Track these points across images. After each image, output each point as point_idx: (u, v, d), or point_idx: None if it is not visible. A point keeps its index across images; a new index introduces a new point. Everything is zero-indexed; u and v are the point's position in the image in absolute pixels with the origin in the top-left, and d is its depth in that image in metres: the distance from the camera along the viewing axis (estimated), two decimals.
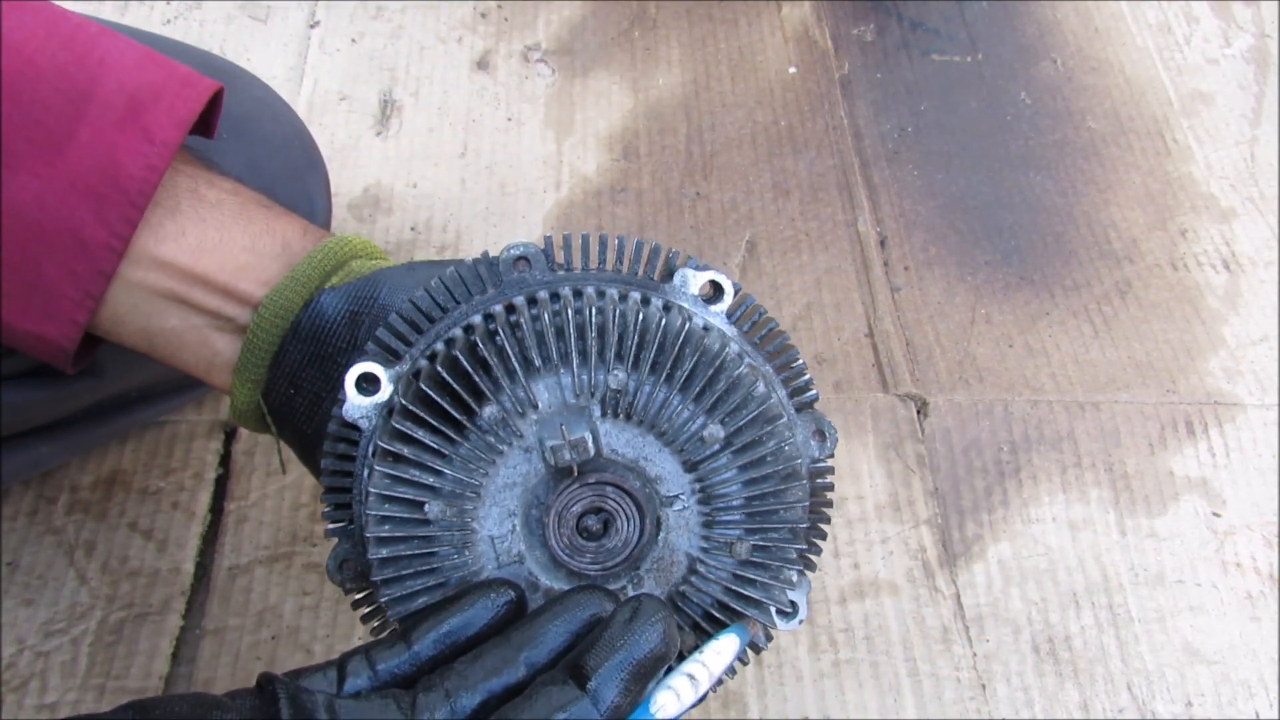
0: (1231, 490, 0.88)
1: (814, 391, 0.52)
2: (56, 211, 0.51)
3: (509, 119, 1.12)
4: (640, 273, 0.51)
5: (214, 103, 0.57)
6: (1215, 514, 0.87)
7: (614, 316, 0.47)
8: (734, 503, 0.48)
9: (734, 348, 0.49)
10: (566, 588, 0.47)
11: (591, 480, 0.47)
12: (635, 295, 0.49)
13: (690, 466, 0.47)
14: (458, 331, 0.49)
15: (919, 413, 0.92)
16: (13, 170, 0.50)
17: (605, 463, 0.47)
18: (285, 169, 0.76)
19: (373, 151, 1.07)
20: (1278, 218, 1.06)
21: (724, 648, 0.47)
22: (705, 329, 0.49)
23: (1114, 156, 1.11)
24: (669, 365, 0.46)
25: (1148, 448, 0.90)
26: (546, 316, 0.47)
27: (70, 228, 0.51)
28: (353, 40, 1.17)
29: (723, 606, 0.49)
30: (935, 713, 0.77)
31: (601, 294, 0.49)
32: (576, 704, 0.40)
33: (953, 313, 0.99)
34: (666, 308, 0.49)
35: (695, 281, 0.50)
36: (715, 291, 0.50)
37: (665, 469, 0.47)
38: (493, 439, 0.46)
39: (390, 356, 0.50)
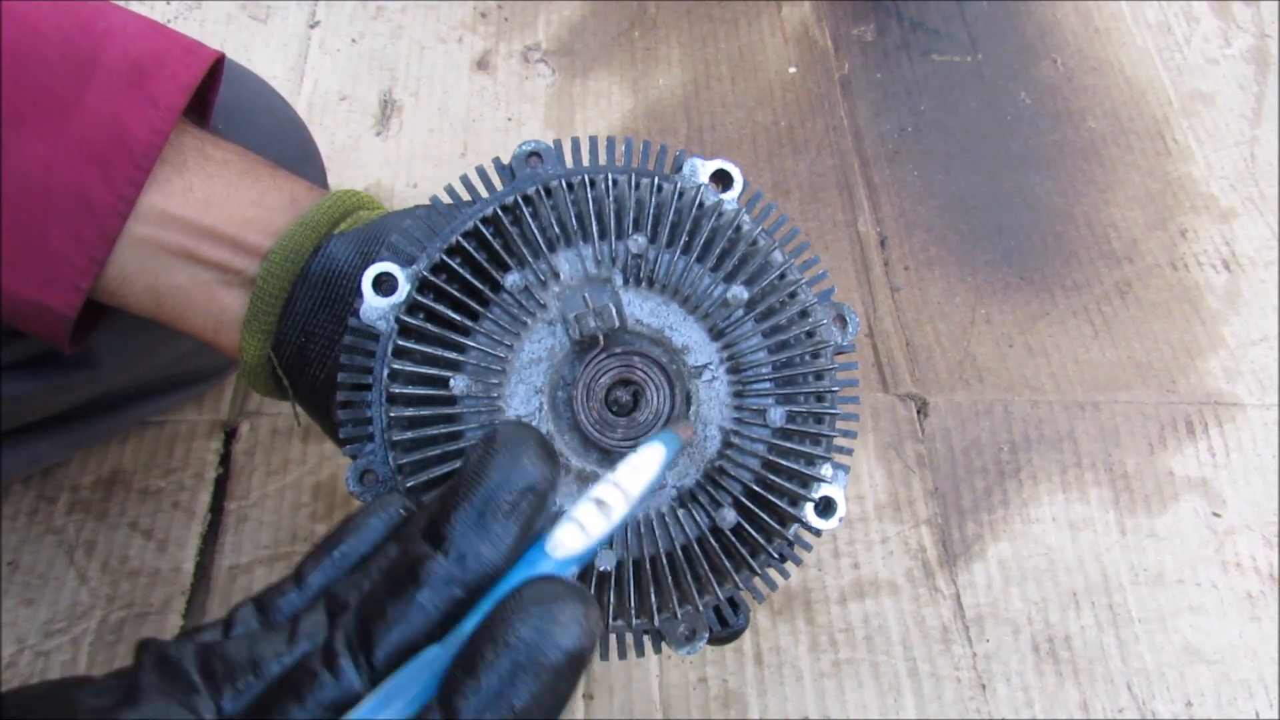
0: (1231, 490, 0.88)
1: (831, 285, 0.51)
2: (62, 175, 0.51)
3: (509, 119, 1.12)
4: (650, 165, 0.51)
5: (214, 76, 0.57)
6: (1215, 514, 0.87)
7: (630, 193, 0.47)
8: (763, 370, 0.47)
9: (749, 222, 0.49)
10: (600, 471, 0.45)
11: (618, 350, 0.46)
12: (648, 181, 0.49)
13: (716, 334, 0.47)
14: (474, 224, 0.48)
15: (919, 413, 0.92)
16: (18, 135, 0.50)
17: (630, 335, 0.46)
18: (281, 161, 0.76)
19: (373, 152, 1.07)
20: (1277, 218, 1.06)
21: (644, 463, 0.38)
22: (720, 204, 0.49)
23: (1114, 156, 1.11)
24: (687, 232, 0.47)
25: (1148, 448, 0.90)
26: (564, 200, 0.47)
27: (76, 191, 0.51)
28: (353, 40, 1.17)
29: (762, 480, 0.47)
30: (935, 713, 0.77)
31: (615, 182, 0.49)
32: (433, 566, 0.34)
33: (953, 313, 0.99)
34: (680, 192, 0.49)
35: (704, 170, 0.50)
36: (725, 180, 0.50)
37: (691, 338, 0.47)
38: (516, 309, 0.46)
39: (407, 260, 0.49)
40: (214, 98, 0.59)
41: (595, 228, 0.47)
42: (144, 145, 0.52)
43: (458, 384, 0.45)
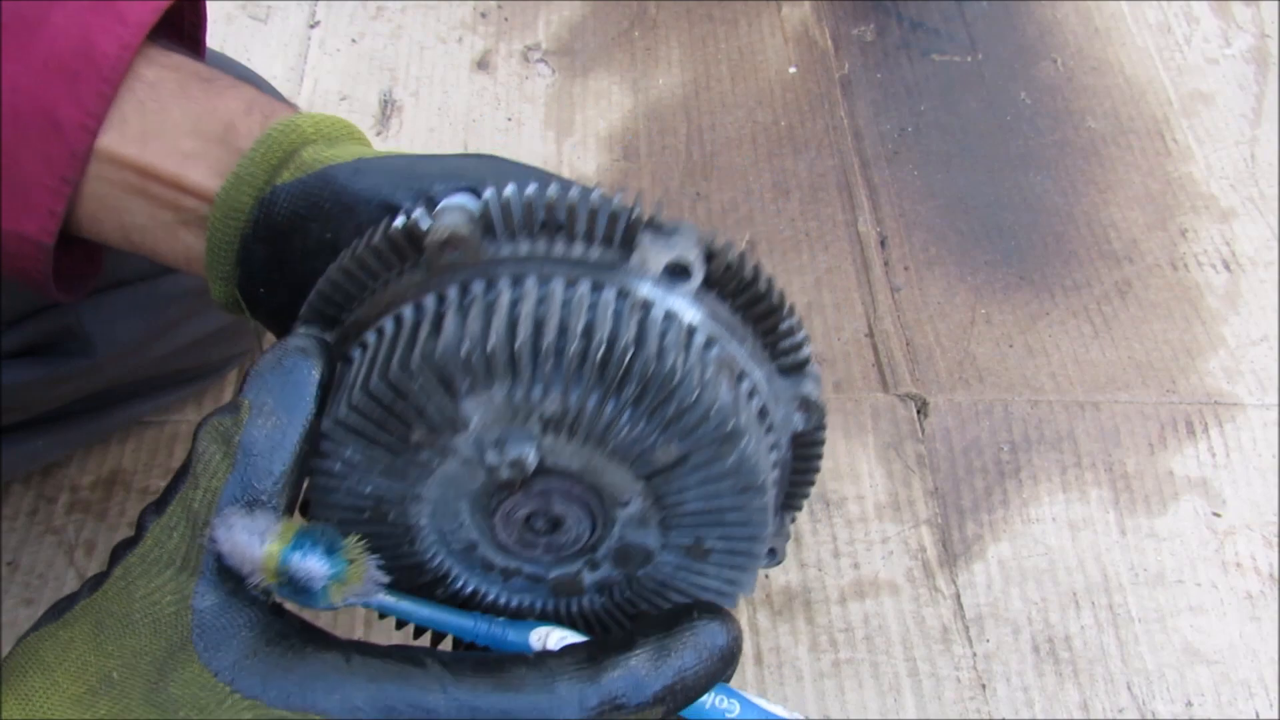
0: (1231, 490, 0.88)
1: (805, 351, 0.47)
2: (30, 93, 0.50)
3: (509, 119, 1.12)
4: (595, 240, 0.43)
5: (197, 11, 0.57)
6: (1215, 514, 0.87)
7: (553, 323, 0.41)
8: (689, 509, 0.44)
9: (699, 339, 0.43)
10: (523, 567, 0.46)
11: (535, 490, 0.44)
12: (584, 286, 0.42)
13: (642, 477, 0.43)
14: (387, 324, 0.44)
15: (919, 413, 0.92)
16: None
17: (549, 474, 0.43)
18: None
19: None
20: (1278, 218, 1.06)
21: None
22: (665, 320, 0.42)
23: (1114, 156, 1.11)
24: (616, 382, 0.41)
25: (1148, 448, 0.90)
26: (475, 323, 0.41)
27: (44, 109, 0.50)
28: (353, 40, 1.17)
29: (682, 593, 0.47)
30: (935, 713, 0.77)
31: (546, 280, 0.42)
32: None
33: (953, 313, 0.99)
34: (621, 296, 0.42)
35: (656, 261, 0.43)
36: (680, 271, 0.43)
37: (615, 479, 0.43)
38: (425, 456, 0.42)
39: (325, 323, 0.47)
40: (202, 36, 0.58)
41: (508, 372, 0.40)
42: (112, 59, 0.50)
43: (373, 511, 0.44)
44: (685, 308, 0.43)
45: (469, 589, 0.47)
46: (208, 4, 0.61)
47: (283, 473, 0.41)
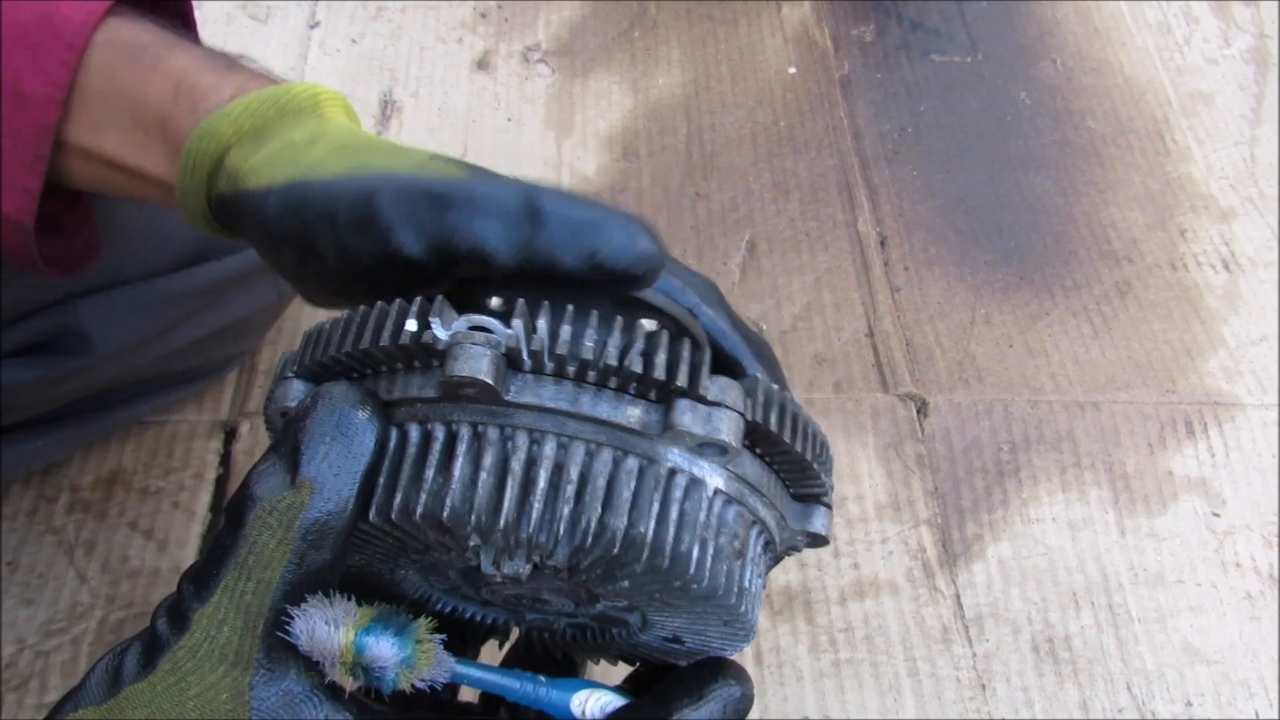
0: (1231, 490, 0.88)
1: (827, 492, 0.45)
2: None
3: (509, 119, 1.12)
4: (626, 395, 0.39)
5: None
6: (1215, 514, 0.87)
7: (569, 494, 0.38)
8: (671, 625, 0.45)
9: (718, 505, 0.41)
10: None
11: (527, 583, 0.43)
12: (606, 456, 0.39)
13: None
14: (395, 436, 0.40)
15: (919, 413, 0.92)
16: None
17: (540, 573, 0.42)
18: None
19: None
20: (1277, 218, 1.06)
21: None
22: (689, 489, 0.40)
23: (1114, 157, 1.11)
24: (618, 577, 0.40)
25: (1147, 448, 0.90)
26: (485, 486, 0.38)
27: (8, 80, 0.48)
28: (353, 40, 1.17)
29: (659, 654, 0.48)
30: (935, 713, 0.77)
31: (565, 445, 0.38)
32: None
33: (953, 313, 0.99)
34: (640, 474, 0.39)
35: (690, 437, 0.38)
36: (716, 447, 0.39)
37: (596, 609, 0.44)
38: (421, 553, 0.42)
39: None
40: (189, 11, 0.56)
41: (515, 529, 0.38)
42: (75, 25, 0.48)
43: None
44: (711, 474, 0.40)
45: (446, 609, 0.48)
46: (210, 4, 0.61)
47: (341, 550, 0.38)
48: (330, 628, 0.37)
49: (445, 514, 0.38)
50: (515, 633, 0.52)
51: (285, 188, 0.44)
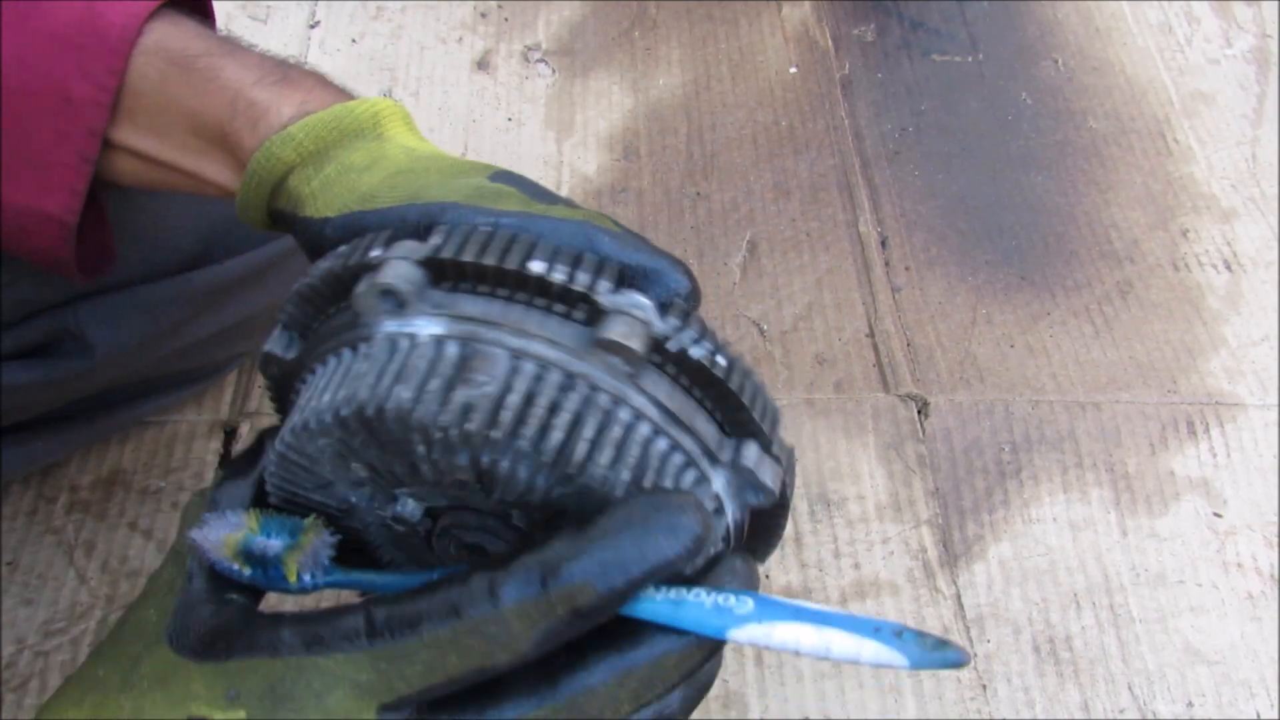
0: (1232, 490, 0.88)
1: (765, 427, 0.42)
2: (38, 68, 0.49)
3: (509, 119, 1.11)
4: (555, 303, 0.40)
5: (203, 7, 0.55)
6: (1216, 514, 0.87)
7: (554, 433, 0.38)
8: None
9: (655, 445, 0.40)
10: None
11: (445, 523, 0.43)
12: (555, 376, 0.39)
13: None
14: (318, 367, 0.43)
15: (919, 413, 0.92)
16: None
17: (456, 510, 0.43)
18: None
19: None
20: (1279, 218, 1.06)
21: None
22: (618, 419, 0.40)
23: (1115, 157, 1.11)
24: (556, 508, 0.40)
25: (1148, 448, 0.90)
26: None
27: (54, 85, 0.49)
28: (353, 40, 1.17)
29: None
30: (935, 713, 0.77)
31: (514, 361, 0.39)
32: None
33: (953, 313, 0.99)
34: (586, 401, 0.39)
35: (630, 346, 0.39)
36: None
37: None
38: (339, 490, 0.43)
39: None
40: (210, 10, 0.57)
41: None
42: (119, 29, 0.48)
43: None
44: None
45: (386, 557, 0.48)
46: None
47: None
48: (221, 529, 0.41)
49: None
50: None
51: (341, 219, 0.45)
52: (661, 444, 0.40)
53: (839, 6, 1.22)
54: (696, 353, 0.40)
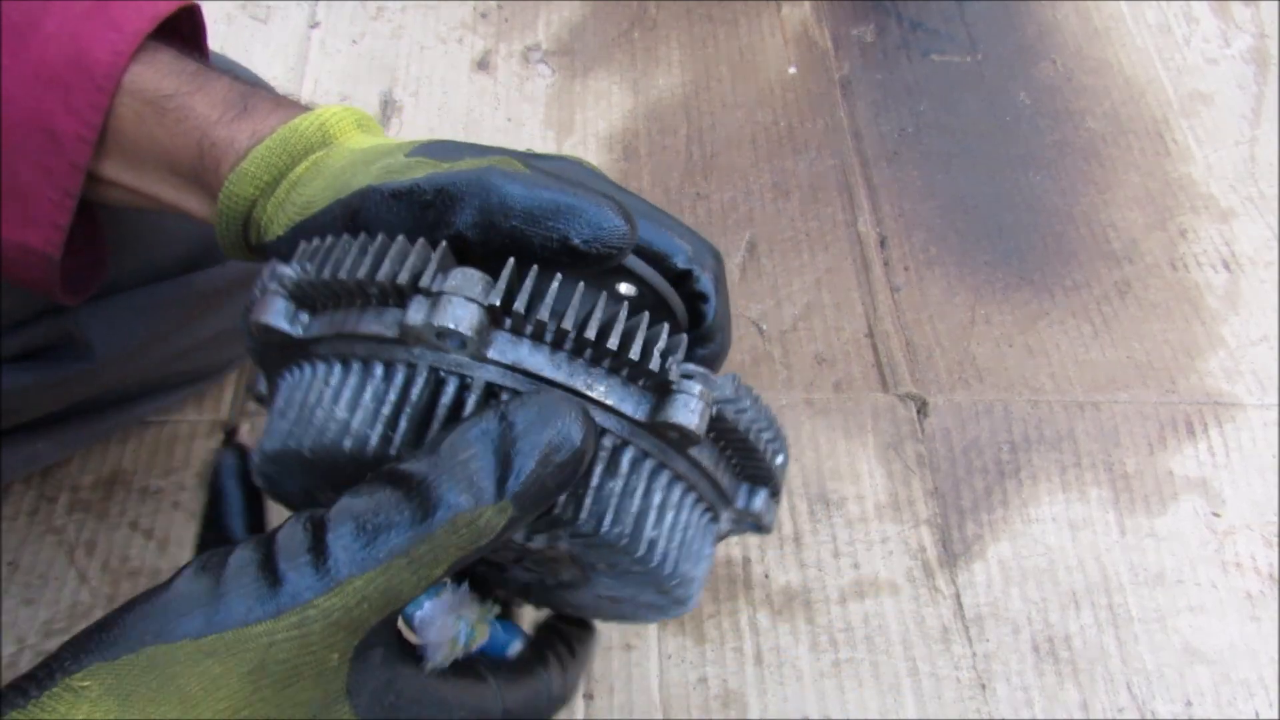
0: (1231, 490, 0.88)
1: (774, 477, 0.45)
2: (24, 103, 0.49)
3: (509, 119, 1.12)
4: (608, 367, 0.40)
5: (195, 22, 0.56)
6: (1215, 514, 0.87)
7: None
8: (605, 587, 0.46)
9: (685, 502, 0.43)
10: None
11: None
12: (607, 442, 0.40)
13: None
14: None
15: (919, 413, 0.92)
16: None
17: None
18: None
19: None
20: (1277, 218, 1.06)
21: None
22: (657, 480, 0.41)
23: (1114, 157, 1.11)
24: (591, 560, 0.43)
25: (1147, 448, 0.90)
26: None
27: (39, 121, 0.49)
28: (353, 40, 1.17)
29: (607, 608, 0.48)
30: (935, 713, 0.77)
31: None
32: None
33: (953, 313, 0.99)
34: (634, 464, 0.41)
35: (679, 423, 0.39)
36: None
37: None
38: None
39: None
40: (204, 41, 0.57)
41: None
42: (105, 66, 0.49)
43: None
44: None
45: None
46: (210, 4, 0.61)
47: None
48: (448, 619, 0.40)
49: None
50: None
51: (288, 233, 0.46)
52: (690, 499, 0.43)
53: (839, 7, 1.22)
54: (744, 425, 0.42)
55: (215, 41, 0.64)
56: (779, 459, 0.45)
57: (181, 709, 0.34)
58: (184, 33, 0.56)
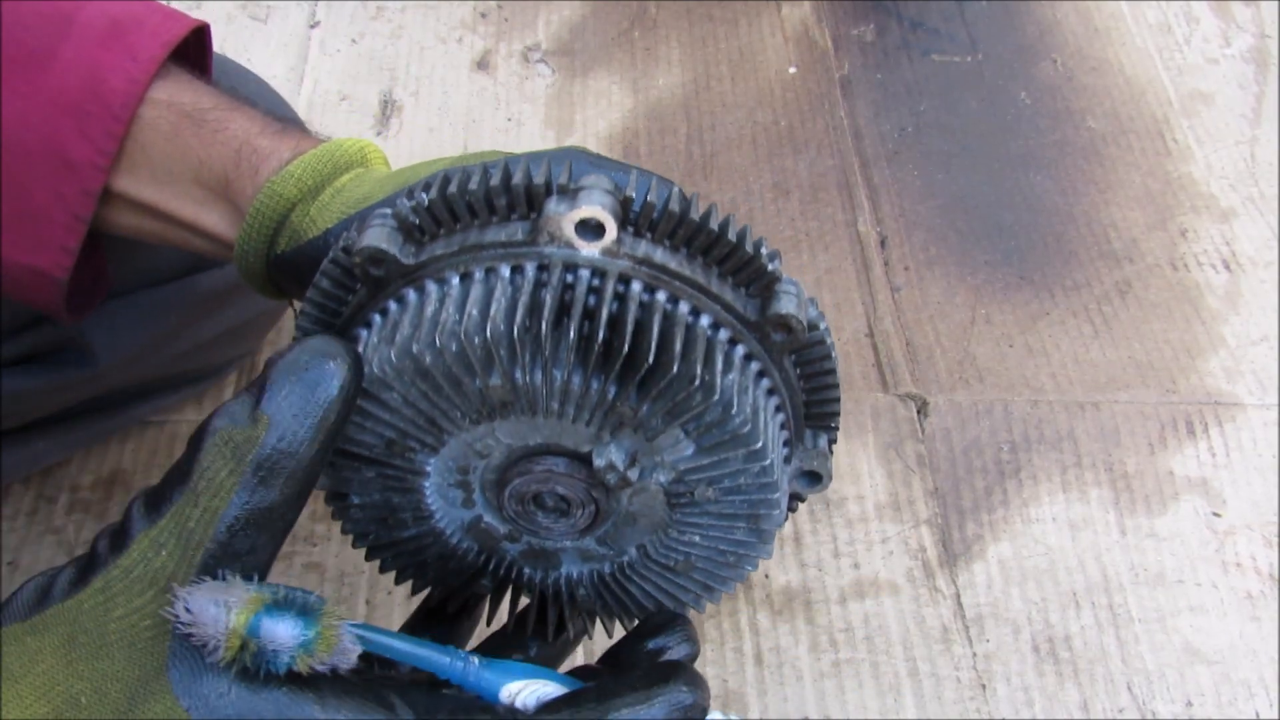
0: (1231, 490, 0.88)
1: (771, 268, 0.43)
2: (40, 130, 0.50)
3: (509, 119, 1.12)
4: (509, 217, 0.42)
5: (203, 46, 0.57)
6: (1215, 514, 0.87)
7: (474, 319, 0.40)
8: (690, 534, 0.45)
9: (636, 288, 0.42)
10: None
11: (539, 469, 0.43)
12: (504, 270, 0.42)
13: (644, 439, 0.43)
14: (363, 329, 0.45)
15: (919, 413, 0.92)
16: None
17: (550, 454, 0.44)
18: None
19: None
20: (1278, 217, 1.06)
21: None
22: (594, 279, 0.41)
23: (1114, 156, 1.11)
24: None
25: (1148, 447, 0.90)
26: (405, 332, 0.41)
27: (54, 147, 0.50)
28: (353, 40, 1.17)
29: (657, 600, 0.48)
30: (935, 713, 0.77)
31: (467, 276, 0.42)
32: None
33: (953, 313, 0.99)
34: (542, 269, 0.42)
35: (566, 226, 0.41)
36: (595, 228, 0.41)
37: (619, 457, 0.42)
38: (447, 424, 0.43)
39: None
40: (209, 61, 0.58)
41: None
42: (121, 95, 0.50)
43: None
44: (609, 263, 0.41)
45: (453, 540, 0.48)
46: (210, 4, 0.61)
47: (294, 494, 0.39)
48: (220, 609, 0.36)
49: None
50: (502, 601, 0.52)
51: (339, 224, 0.49)
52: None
53: (839, 6, 1.22)
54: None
55: (215, 41, 0.64)
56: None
57: (6, 687, 0.36)
58: (191, 55, 0.57)
